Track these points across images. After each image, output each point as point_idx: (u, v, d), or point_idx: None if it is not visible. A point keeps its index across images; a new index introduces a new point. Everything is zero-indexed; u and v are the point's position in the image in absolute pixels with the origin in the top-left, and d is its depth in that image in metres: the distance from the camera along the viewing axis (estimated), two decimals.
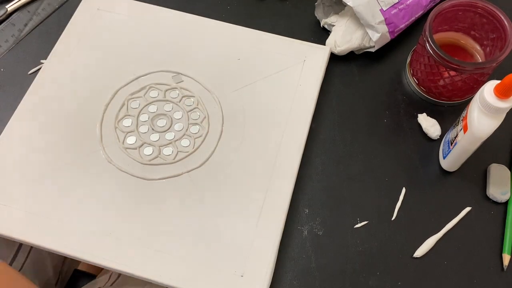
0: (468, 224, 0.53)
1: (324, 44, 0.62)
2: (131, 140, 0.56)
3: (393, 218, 0.54)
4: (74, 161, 0.55)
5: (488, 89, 0.46)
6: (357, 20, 0.60)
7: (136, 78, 0.60)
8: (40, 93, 0.58)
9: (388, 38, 0.59)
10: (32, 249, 0.65)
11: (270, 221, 0.52)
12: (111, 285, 0.67)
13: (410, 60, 0.62)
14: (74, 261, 0.77)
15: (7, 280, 0.54)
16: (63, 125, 0.57)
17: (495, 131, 0.47)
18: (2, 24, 0.65)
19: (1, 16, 0.65)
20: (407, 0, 0.59)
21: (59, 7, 0.66)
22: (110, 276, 0.68)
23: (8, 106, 0.59)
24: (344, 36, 0.60)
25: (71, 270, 0.76)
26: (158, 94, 0.59)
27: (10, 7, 0.65)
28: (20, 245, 0.64)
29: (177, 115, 0.58)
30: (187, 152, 0.55)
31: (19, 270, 0.62)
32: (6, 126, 0.56)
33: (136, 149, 0.56)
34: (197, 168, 0.55)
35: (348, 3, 0.57)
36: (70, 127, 0.57)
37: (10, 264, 0.61)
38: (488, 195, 0.54)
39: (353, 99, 0.60)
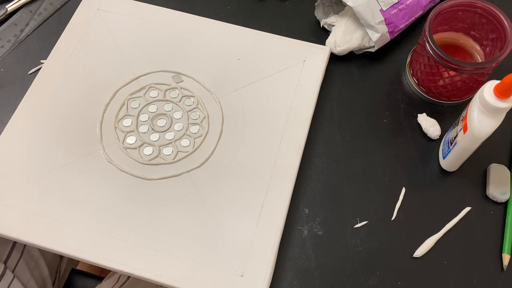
0: (468, 224, 0.53)
1: (324, 44, 0.62)
2: (131, 140, 0.56)
3: (393, 218, 0.54)
4: (74, 161, 0.55)
5: (488, 89, 0.46)
6: (357, 20, 0.60)
7: (136, 78, 0.60)
8: (40, 93, 0.58)
9: (388, 38, 0.59)
10: (25, 248, 0.65)
11: (270, 221, 0.52)
12: None
13: (410, 60, 0.62)
14: (72, 261, 0.77)
15: None
16: (63, 125, 0.57)
17: (495, 131, 0.47)
18: (4, 24, 0.65)
19: (1, 16, 0.65)
20: (407, 0, 0.59)
21: (61, 7, 0.66)
22: (118, 279, 0.68)
23: (8, 106, 0.59)
24: (344, 36, 0.60)
25: (69, 269, 0.76)
26: (158, 94, 0.59)
27: (10, 7, 0.65)
28: (14, 243, 0.64)
29: (177, 115, 0.58)
30: (187, 152, 0.56)
31: (14, 268, 0.62)
32: (7, 126, 0.56)
33: (136, 149, 0.56)
34: (197, 168, 0.55)
35: (348, 3, 0.57)
36: (70, 127, 0.57)
37: (5, 262, 0.61)
38: (488, 195, 0.54)
39: (353, 99, 0.60)
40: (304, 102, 0.58)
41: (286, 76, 0.60)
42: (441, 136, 0.58)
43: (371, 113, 0.59)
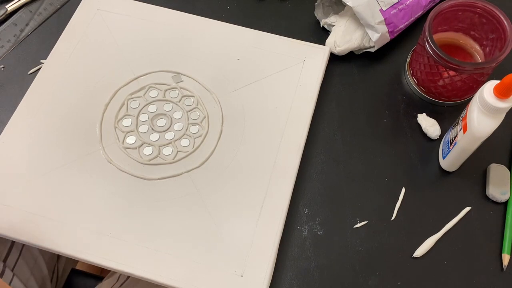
0: (468, 224, 0.53)
1: (324, 44, 0.62)
2: (131, 140, 0.56)
3: (393, 218, 0.54)
4: (74, 161, 0.55)
5: (488, 89, 0.46)
6: (357, 20, 0.60)
7: (136, 78, 0.60)
8: (40, 93, 0.58)
9: (387, 38, 0.59)
10: (24, 247, 0.65)
11: (270, 221, 0.52)
12: None
13: (409, 60, 0.62)
14: (71, 260, 0.77)
15: None
16: (63, 125, 0.57)
17: (495, 131, 0.47)
18: (4, 24, 0.65)
19: (1, 16, 0.65)
20: (406, 0, 0.59)
21: (60, 7, 0.66)
22: (118, 279, 0.68)
23: (8, 106, 0.59)
24: (344, 36, 0.60)
25: (68, 269, 0.76)
26: (157, 94, 0.59)
27: (10, 7, 0.65)
28: (13, 241, 0.64)
29: (177, 115, 0.58)
30: (187, 152, 0.56)
31: (13, 267, 0.62)
32: (6, 126, 0.56)
33: (136, 149, 0.56)
34: (196, 168, 0.55)
35: (348, 3, 0.57)
36: (70, 126, 0.57)
37: (4, 260, 0.62)
38: (487, 195, 0.54)
39: (353, 99, 0.60)
40: (304, 102, 0.58)
41: (286, 76, 0.60)
42: (441, 136, 0.58)
43: (371, 113, 0.59)
